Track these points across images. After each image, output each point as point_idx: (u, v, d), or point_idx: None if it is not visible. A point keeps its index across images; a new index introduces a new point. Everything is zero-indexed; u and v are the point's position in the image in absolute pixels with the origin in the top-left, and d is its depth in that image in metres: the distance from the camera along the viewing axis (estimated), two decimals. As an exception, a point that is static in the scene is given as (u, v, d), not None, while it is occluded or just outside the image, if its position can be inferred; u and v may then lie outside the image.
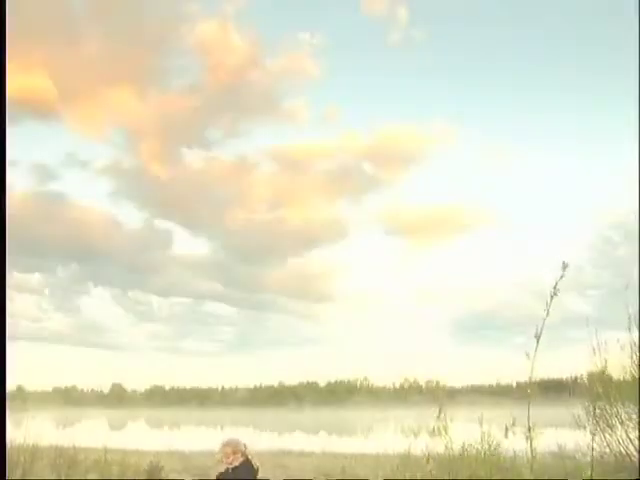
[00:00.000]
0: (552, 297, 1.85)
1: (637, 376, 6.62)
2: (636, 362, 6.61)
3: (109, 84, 66.68)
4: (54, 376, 78.54)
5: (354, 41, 78.32)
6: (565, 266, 1.83)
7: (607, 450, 6.52)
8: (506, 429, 2.35)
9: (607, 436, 6.61)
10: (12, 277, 65.06)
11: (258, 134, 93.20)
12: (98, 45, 62.46)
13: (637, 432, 6.36)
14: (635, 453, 6.22)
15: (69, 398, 73.89)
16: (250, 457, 4.42)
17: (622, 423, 6.56)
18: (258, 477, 4.48)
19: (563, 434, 7.71)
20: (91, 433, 14.26)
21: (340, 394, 73.67)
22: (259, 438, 17.09)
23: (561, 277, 1.83)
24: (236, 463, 4.42)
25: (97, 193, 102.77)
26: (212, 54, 67.35)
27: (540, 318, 1.81)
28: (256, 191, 74.38)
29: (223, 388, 78.01)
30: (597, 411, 6.81)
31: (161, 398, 75.69)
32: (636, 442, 6.25)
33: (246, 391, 77.58)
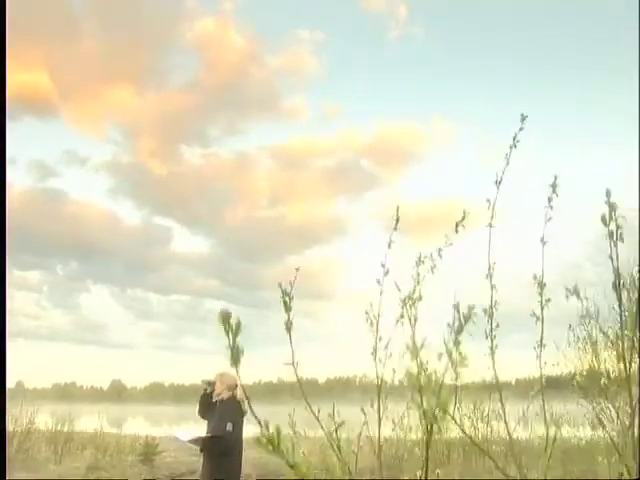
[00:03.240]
0: (511, 148, 1.82)
1: (636, 372, 6.63)
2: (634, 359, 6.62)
3: (108, 81, 66.61)
4: (53, 373, 78.67)
5: (354, 38, 78.16)
6: (523, 118, 1.80)
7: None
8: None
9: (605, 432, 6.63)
10: (11, 275, 65.12)
11: (257, 131, 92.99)
12: (97, 43, 62.39)
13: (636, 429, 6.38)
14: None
15: (68, 395, 74.05)
16: (240, 398, 4.50)
17: (620, 420, 6.58)
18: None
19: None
20: (89, 426, 14.38)
21: (339, 390, 73.86)
22: (257, 432, 17.23)
23: (520, 129, 1.81)
24: (223, 396, 4.49)
25: (96, 190, 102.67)
26: (211, 51, 67.32)
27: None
28: (255, 188, 74.43)
29: (222, 385, 78.00)
30: (595, 407, 6.83)
31: (160, 395, 75.85)
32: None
33: (245, 388, 77.65)
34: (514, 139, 1.78)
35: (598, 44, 66.35)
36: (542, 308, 1.77)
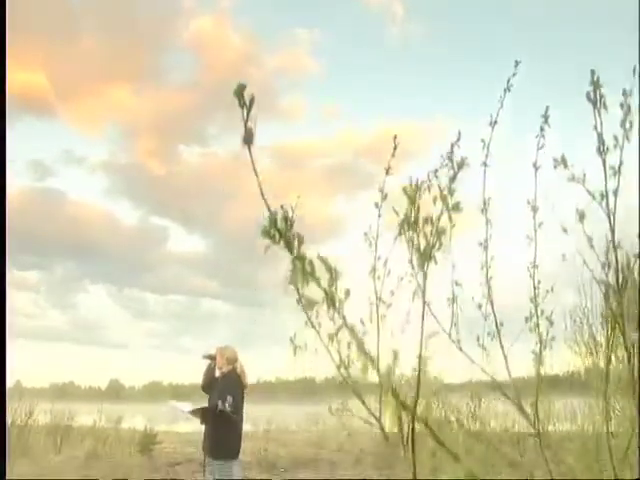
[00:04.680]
0: (505, 91, 1.86)
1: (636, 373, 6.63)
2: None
3: (106, 81, 66.44)
4: (51, 373, 78.48)
5: (353, 37, 78.06)
6: (517, 63, 1.84)
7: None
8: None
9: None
10: (10, 274, 64.92)
11: (256, 131, 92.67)
12: (95, 42, 62.25)
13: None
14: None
15: (67, 394, 74.02)
16: (239, 372, 4.56)
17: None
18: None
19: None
20: (88, 422, 14.47)
21: (337, 389, 73.94)
22: (257, 431, 17.24)
23: (513, 74, 1.84)
24: (224, 370, 4.56)
25: (94, 190, 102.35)
26: (209, 50, 67.17)
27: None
28: (253, 188, 74.37)
29: (221, 384, 77.90)
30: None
31: (159, 394, 75.79)
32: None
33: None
34: (508, 82, 1.82)
35: (598, 44, 66.28)
36: (535, 231, 1.85)
